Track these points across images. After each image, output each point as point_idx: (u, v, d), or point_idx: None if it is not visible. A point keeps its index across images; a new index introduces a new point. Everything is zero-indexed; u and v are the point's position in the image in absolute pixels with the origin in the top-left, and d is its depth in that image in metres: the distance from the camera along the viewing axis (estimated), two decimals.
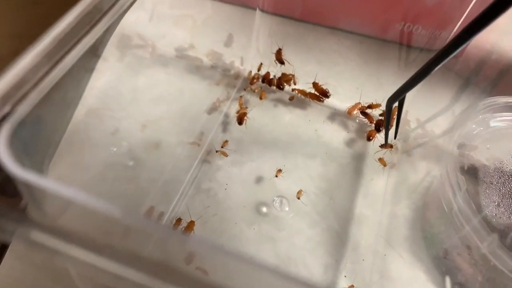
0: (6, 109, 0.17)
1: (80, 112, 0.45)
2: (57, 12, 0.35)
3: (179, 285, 0.17)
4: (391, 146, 0.47)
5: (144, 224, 0.18)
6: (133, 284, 0.18)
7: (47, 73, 0.21)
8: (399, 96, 0.40)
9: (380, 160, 0.46)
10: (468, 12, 0.51)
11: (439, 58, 0.33)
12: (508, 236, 0.34)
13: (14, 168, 0.15)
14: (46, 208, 0.17)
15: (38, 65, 0.21)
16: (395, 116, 0.48)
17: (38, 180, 0.16)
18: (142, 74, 0.51)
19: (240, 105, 0.48)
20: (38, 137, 0.28)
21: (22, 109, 0.18)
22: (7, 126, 0.17)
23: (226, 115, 0.49)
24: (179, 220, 0.39)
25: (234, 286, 0.17)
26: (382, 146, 0.47)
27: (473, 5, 0.47)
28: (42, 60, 0.21)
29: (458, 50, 0.30)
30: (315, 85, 0.50)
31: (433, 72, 0.34)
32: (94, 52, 0.49)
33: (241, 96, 0.50)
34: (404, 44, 0.58)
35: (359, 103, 0.49)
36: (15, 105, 0.18)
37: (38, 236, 0.17)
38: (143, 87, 0.50)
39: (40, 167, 0.27)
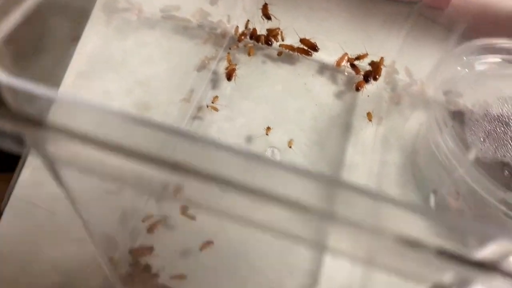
0: None
1: (69, 76, 0.45)
2: None
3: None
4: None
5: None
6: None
7: None
8: None
9: (368, 114, 0.47)
10: None
11: None
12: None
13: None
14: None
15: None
16: (383, 65, 0.49)
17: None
18: (130, 37, 0.51)
19: (229, 61, 0.49)
20: None
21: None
22: None
23: (215, 73, 0.50)
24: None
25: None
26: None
27: None
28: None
29: None
30: (303, 40, 0.50)
31: None
32: (81, 17, 0.49)
33: (228, 53, 0.50)
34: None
35: (346, 53, 0.50)
36: None
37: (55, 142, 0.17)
38: (132, 50, 0.50)
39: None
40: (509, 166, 0.35)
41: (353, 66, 0.49)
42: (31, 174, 0.41)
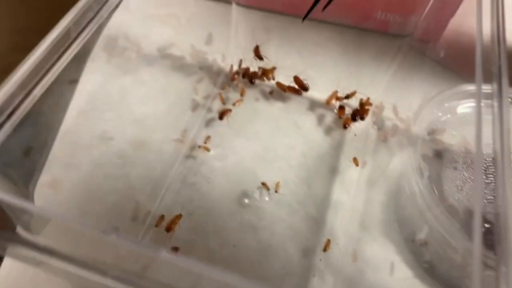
0: None
1: (70, 114, 0.48)
2: (58, 4, 0.37)
3: None
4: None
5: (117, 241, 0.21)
6: None
7: (38, 82, 0.25)
8: None
9: (354, 159, 0.48)
10: None
11: None
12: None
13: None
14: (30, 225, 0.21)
15: (30, 75, 0.24)
16: (369, 105, 0.51)
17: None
18: (129, 75, 0.53)
19: (222, 101, 0.51)
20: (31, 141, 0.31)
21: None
22: None
23: (210, 110, 0.52)
24: (162, 218, 0.42)
25: None
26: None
27: None
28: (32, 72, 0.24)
29: None
30: (295, 78, 0.52)
31: None
32: (82, 56, 0.52)
33: (220, 93, 0.52)
34: (382, 32, 0.59)
35: (336, 91, 0.52)
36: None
37: (25, 251, 0.20)
38: (130, 87, 0.52)
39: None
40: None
41: (341, 107, 0.51)
42: None
